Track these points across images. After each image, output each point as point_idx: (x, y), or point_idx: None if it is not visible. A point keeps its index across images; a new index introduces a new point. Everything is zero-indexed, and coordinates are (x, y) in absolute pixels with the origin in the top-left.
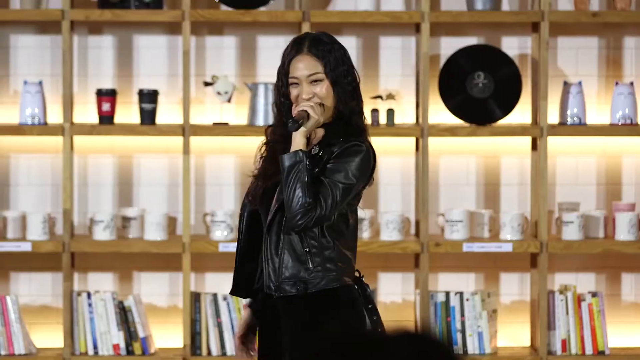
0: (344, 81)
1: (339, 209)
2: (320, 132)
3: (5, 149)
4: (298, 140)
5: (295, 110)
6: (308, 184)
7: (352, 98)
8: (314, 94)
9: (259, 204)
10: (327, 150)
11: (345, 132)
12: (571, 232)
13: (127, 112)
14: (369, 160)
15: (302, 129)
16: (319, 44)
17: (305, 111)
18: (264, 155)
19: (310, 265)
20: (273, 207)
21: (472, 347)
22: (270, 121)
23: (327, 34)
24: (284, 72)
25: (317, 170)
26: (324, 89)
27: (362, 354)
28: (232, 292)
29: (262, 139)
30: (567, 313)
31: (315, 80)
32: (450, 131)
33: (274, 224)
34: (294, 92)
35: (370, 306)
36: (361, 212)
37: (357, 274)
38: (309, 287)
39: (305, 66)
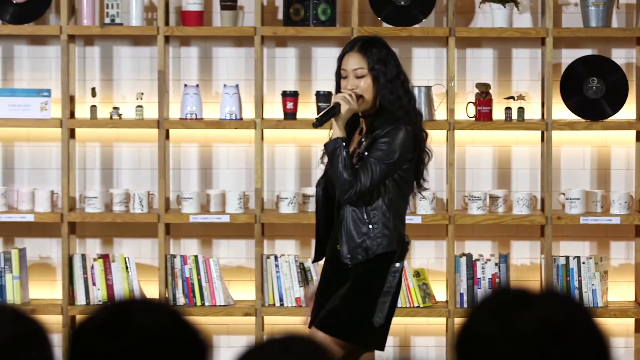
0: (384, 78)
1: (382, 182)
2: (366, 123)
3: (209, 139)
4: (336, 128)
5: (332, 101)
6: (346, 165)
7: (391, 93)
8: (356, 87)
9: (330, 186)
10: (371, 136)
11: (387, 120)
12: None
13: (307, 109)
14: (409, 139)
15: (339, 117)
16: (368, 45)
17: (338, 102)
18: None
19: (372, 234)
20: None
21: (587, 301)
22: (423, 117)
23: (379, 38)
24: (338, 68)
25: (366, 154)
26: (365, 83)
27: (513, 309)
28: (315, 260)
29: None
30: None
31: (359, 76)
32: (570, 125)
33: (342, 203)
34: (343, 84)
35: (398, 264)
36: (497, 191)
37: (406, 238)
38: (369, 252)
39: (352, 62)
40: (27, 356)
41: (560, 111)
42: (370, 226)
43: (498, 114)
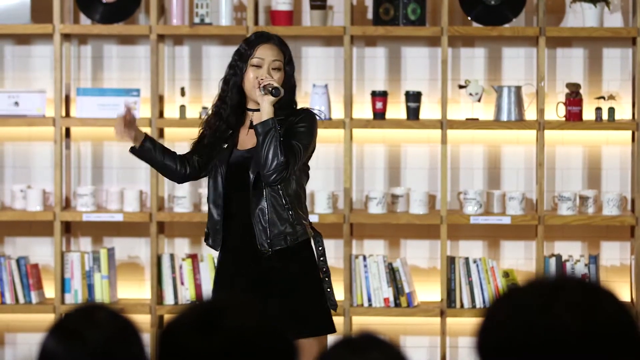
0: (292, 76)
1: (301, 164)
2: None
3: None
4: (268, 109)
5: (263, 83)
6: (280, 146)
7: (293, 93)
8: (274, 79)
9: (233, 170)
10: (285, 122)
11: (293, 110)
12: None
13: (396, 109)
14: (317, 126)
15: (271, 98)
16: (283, 42)
17: (277, 86)
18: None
19: (292, 220)
20: (253, 172)
21: None
22: (513, 117)
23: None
24: (247, 55)
25: (281, 139)
26: (280, 77)
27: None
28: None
29: (503, 131)
30: None
31: (275, 68)
32: None
33: (256, 187)
34: (252, 74)
35: (320, 248)
36: (587, 192)
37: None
38: (291, 239)
39: (272, 53)
40: (125, 353)
41: None
42: (290, 212)
43: (588, 114)
